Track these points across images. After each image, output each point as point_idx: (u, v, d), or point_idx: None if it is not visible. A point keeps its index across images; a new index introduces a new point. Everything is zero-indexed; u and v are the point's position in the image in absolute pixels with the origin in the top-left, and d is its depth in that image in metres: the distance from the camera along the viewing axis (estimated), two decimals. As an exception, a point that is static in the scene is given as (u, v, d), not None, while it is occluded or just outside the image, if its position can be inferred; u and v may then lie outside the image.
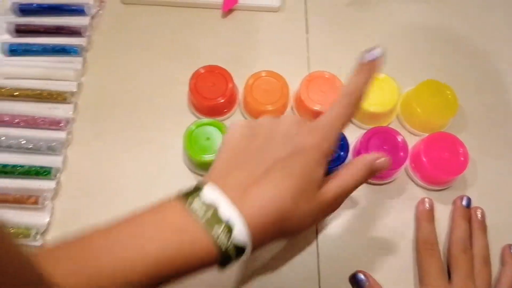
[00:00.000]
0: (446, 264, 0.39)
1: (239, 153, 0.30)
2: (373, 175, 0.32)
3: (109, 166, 0.44)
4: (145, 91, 0.48)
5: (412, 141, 0.44)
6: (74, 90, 0.47)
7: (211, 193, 0.27)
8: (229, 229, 0.25)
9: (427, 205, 0.42)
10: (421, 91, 0.44)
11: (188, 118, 0.46)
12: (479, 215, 0.42)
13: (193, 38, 0.50)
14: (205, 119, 0.43)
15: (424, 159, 0.41)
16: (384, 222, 0.42)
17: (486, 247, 0.40)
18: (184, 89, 0.46)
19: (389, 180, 0.43)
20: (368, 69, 0.32)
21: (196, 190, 0.27)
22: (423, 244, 0.40)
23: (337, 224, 0.42)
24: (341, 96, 0.32)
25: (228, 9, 0.51)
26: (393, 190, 0.44)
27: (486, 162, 0.45)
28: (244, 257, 0.27)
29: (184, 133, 0.42)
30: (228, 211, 0.26)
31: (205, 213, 0.26)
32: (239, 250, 0.26)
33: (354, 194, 0.43)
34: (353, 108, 0.32)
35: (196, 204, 0.26)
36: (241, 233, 0.26)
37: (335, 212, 0.32)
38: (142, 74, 0.48)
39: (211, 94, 0.44)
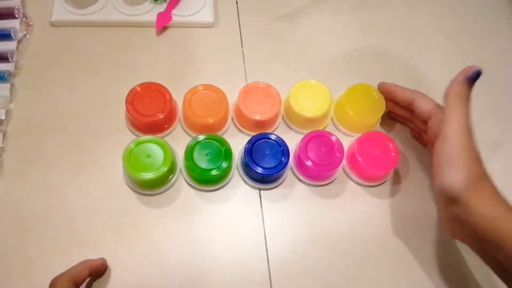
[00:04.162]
0: None
1: None
2: None
3: (46, 195, 0.42)
4: (80, 114, 0.46)
5: (346, 143, 0.47)
6: (3, 117, 0.45)
7: None
8: None
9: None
10: (351, 95, 0.47)
11: (127, 137, 0.45)
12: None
13: (128, 57, 0.50)
14: (145, 137, 0.42)
15: (359, 158, 0.44)
16: (328, 221, 0.44)
17: None
18: (121, 108, 0.45)
19: (329, 181, 0.45)
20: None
21: None
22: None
23: (284, 228, 0.43)
24: None
25: (161, 27, 0.51)
26: (334, 190, 0.45)
27: (415, 155, 0.48)
28: None
29: (123, 152, 0.41)
30: None
31: None
32: None
33: (298, 196, 0.45)
34: None
35: None
36: None
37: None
38: (76, 96, 0.47)
39: (149, 111, 0.44)
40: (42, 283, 0.38)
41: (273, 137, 0.44)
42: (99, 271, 0.39)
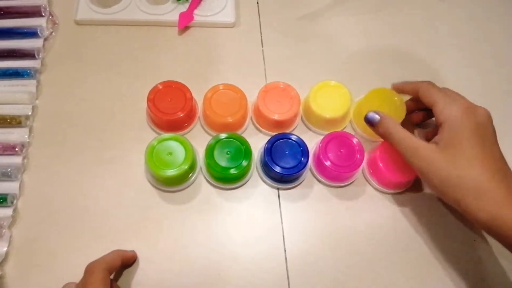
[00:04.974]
0: None
1: None
2: None
3: (69, 188, 0.43)
4: (103, 110, 0.47)
5: (364, 147, 0.46)
6: (29, 113, 0.46)
7: None
8: None
9: None
10: (371, 99, 0.46)
11: (148, 135, 0.46)
12: None
13: (150, 55, 0.51)
14: (167, 134, 0.43)
15: (380, 165, 0.43)
16: (346, 223, 0.44)
17: None
18: (143, 106, 0.46)
19: (349, 182, 0.45)
20: None
21: None
22: None
23: (302, 228, 0.43)
24: None
25: (184, 26, 0.51)
26: (353, 192, 0.45)
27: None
28: None
29: (145, 149, 0.42)
30: None
31: None
32: None
33: (316, 197, 0.45)
34: None
35: None
36: None
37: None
38: (99, 93, 0.48)
39: (170, 109, 0.44)
40: (64, 275, 0.39)
41: (293, 137, 0.44)
42: (129, 262, 0.40)
